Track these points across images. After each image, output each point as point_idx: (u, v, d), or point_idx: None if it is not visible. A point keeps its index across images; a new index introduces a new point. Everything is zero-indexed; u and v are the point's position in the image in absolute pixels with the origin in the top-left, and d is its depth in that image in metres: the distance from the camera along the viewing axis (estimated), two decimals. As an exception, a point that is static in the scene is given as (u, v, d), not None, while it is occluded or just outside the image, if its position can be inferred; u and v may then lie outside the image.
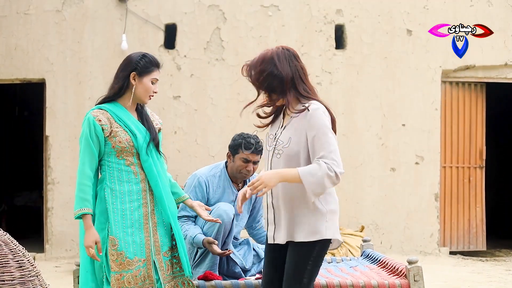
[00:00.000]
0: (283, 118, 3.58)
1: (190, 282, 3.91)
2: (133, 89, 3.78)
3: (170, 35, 9.06)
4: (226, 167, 4.72)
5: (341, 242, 3.57)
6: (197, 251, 4.60)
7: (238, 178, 4.68)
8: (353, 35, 9.19)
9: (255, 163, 4.63)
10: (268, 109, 3.62)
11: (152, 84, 3.81)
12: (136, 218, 3.74)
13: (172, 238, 3.89)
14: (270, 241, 3.55)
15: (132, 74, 3.77)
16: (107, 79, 8.72)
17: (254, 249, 4.82)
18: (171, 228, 3.87)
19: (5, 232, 3.31)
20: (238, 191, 4.67)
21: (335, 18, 9.18)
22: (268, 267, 3.62)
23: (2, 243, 3.21)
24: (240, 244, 4.86)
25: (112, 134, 3.74)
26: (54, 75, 8.86)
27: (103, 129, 3.72)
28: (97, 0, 8.92)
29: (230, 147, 4.69)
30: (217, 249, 4.39)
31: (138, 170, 3.78)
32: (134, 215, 3.73)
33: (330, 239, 3.48)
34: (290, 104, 3.47)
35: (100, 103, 3.84)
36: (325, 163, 3.30)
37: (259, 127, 3.67)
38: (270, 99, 3.51)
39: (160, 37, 9.01)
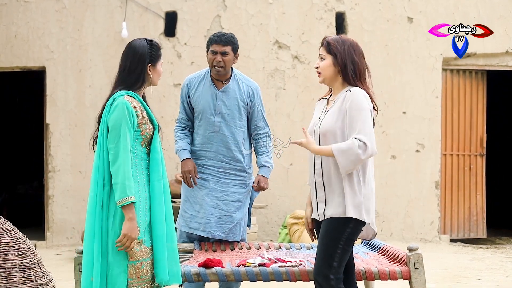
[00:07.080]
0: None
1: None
2: (150, 79, 3.74)
3: (170, 23, 9.03)
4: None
5: (376, 233, 3.84)
6: None
7: (214, 74, 4.87)
8: (354, 22, 9.17)
9: (223, 54, 4.80)
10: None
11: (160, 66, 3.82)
12: (147, 207, 3.65)
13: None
14: (321, 218, 3.76)
15: (148, 66, 3.71)
16: (107, 67, 8.74)
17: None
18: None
19: (6, 220, 3.31)
20: (218, 90, 4.87)
21: (336, 5, 9.15)
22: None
23: (3, 231, 3.22)
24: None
25: (143, 122, 3.65)
26: (55, 63, 8.85)
27: (137, 116, 3.62)
28: (97, -12, 8.90)
29: (206, 47, 4.94)
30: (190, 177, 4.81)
31: (148, 159, 3.72)
32: (146, 204, 3.64)
33: (363, 223, 3.71)
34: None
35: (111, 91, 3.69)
36: (358, 140, 3.60)
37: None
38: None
39: (161, 25, 8.99)
